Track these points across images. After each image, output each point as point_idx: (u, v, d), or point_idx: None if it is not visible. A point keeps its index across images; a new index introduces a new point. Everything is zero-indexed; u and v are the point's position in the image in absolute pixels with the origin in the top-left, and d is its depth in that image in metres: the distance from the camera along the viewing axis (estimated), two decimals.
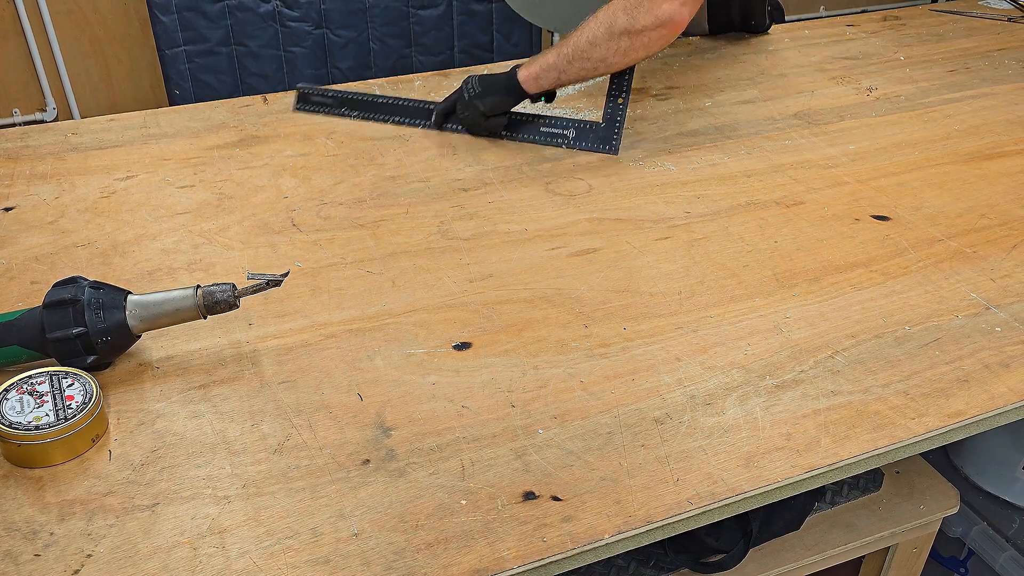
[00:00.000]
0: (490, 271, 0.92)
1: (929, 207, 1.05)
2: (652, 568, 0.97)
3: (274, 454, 0.68)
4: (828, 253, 0.95)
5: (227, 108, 1.35)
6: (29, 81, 2.50)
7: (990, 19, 1.83)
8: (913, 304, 0.86)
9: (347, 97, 1.31)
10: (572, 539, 0.61)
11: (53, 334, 0.71)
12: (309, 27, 2.03)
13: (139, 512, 0.62)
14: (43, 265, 0.93)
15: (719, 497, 0.64)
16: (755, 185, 1.10)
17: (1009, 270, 0.92)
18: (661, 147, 1.21)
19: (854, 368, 0.77)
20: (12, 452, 0.66)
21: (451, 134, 1.26)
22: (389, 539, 0.61)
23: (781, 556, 0.99)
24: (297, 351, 0.79)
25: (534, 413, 0.72)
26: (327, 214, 1.03)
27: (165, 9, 1.93)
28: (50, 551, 0.59)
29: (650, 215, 1.03)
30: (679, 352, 0.79)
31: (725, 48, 1.64)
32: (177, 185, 1.10)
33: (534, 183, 1.11)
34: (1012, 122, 1.29)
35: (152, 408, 0.73)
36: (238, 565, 0.58)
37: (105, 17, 2.49)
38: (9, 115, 2.52)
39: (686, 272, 0.92)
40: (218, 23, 1.99)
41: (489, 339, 0.81)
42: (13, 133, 1.26)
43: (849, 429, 0.70)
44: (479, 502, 0.64)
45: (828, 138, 1.24)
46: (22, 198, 1.07)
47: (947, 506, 1.05)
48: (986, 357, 0.79)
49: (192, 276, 0.91)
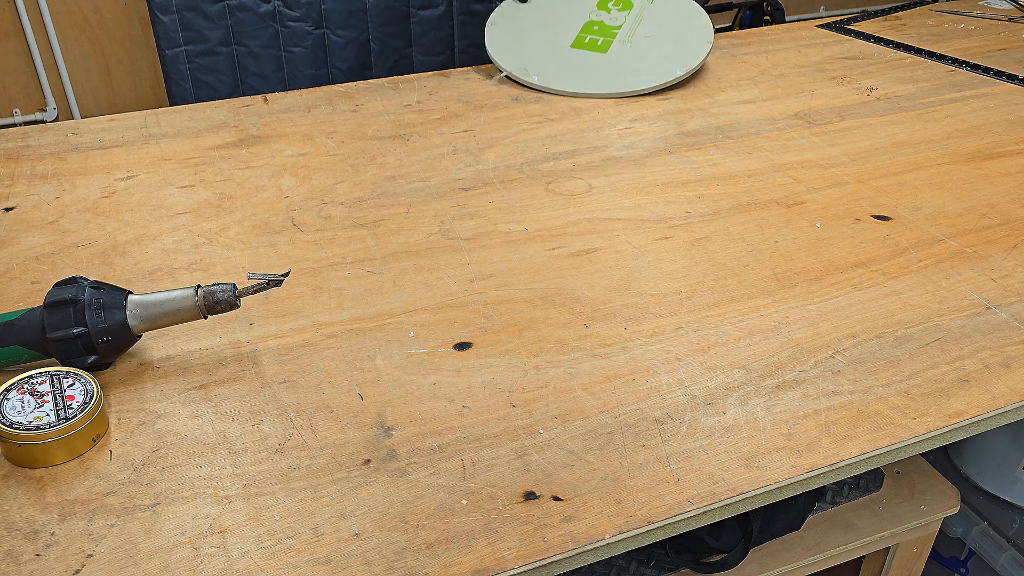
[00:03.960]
0: (490, 271, 0.92)
1: (929, 207, 1.05)
2: (653, 568, 0.97)
3: (275, 454, 0.68)
4: (829, 253, 0.95)
5: (227, 108, 1.35)
6: (29, 81, 2.50)
7: (990, 19, 1.83)
8: (914, 304, 0.86)
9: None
10: (573, 539, 0.61)
11: (54, 334, 0.71)
12: (309, 27, 2.03)
13: (140, 512, 0.62)
14: (44, 265, 0.93)
15: (720, 497, 0.64)
16: (755, 185, 1.10)
17: (1010, 270, 0.92)
18: (661, 147, 1.21)
19: (855, 368, 0.77)
20: (13, 452, 0.66)
21: (452, 134, 1.26)
22: (390, 539, 0.61)
23: (782, 556, 0.99)
24: (298, 351, 0.79)
25: (535, 413, 0.72)
26: (327, 214, 1.03)
27: (165, 9, 1.93)
28: (51, 551, 0.59)
29: (650, 215, 1.03)
30: (680, 352, 0.79)
31: (725, 48, 1.64)
32: (177, 185, 1.11)
33: (534, 183, 1.11)
34: (1012, 122, 1.29)
35: (153, 408, 0.73)
36: (239, 565, 0.58)
37: (105, 17, 2.49)
38: (9, 115, 2.52)
39: (687, 272, 0.92)
40: (218, 23, 1.98)
41: (490, 339, 0.81)
42: (13, 133, 1.26)
43: (850, 429, 0.71)
44: (480, 502, 0.64)
45: (828, 138, 1.24)
46: (22, 198, 1.07)
47: (947, 506, 1.05)
48: (987, 357, 0.79)
49: (192, 276, 0.91)
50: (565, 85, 1.29)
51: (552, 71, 1.31)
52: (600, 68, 1.34)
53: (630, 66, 1.35)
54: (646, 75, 1.31)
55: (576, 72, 1.32)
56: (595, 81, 1.31)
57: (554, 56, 1.35)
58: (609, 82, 1.30)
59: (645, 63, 1.35)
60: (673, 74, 1.32)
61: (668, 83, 1.32)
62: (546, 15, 1.39)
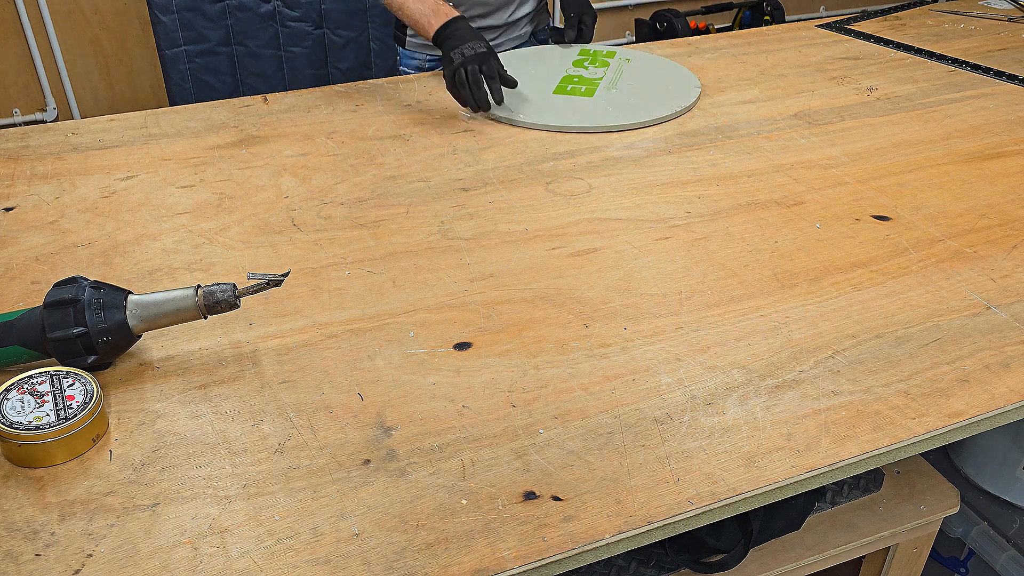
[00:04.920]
0: (490, 271, 0.92)
1: (929, 207, 1.05)
2: (652, 568, 0.97)
3: (275, 454, 0.68)
4: (828, 253, 0.95)
5: (227, 108, 1.35)
6: (29, 81, 2.50)
7: (990, 19, 1.83)
8: (913, 304, 0.86)
9: None
10: (573, 539, 0.61)
11: (54, 334, 0.71)
12: (309, 27, 2.03)
13: (140, 512, 0.62)
14: (43, 265, 0.93)
15: (719, 497, 0.64)
16: (755, 185, 1.10)
17: (1009, 270, 0.92)
18: (661, 147, 1.21)
19: (854, 368, 0.77)
20: (13, 452, 0.66)
21: (452, 134, 1.26)
22: (390, 539, 0.61)
23: (781, 556, 0.99)
24: (298, 351, 0.79)
25: (535, 413, 0.72)
26: (327, 214, 1.03)
27: (165, 9, 1.93)
28: (51, 551, 0.59)
29: (650, 215, 1.03)
30: (680, 352, 0.79)
31: (725, 48, 1.64)
32: (177, 185, 1.11)
33: (534, 183, 1.11)
34: (1012, 122, 1.29)
35: (153, 408, 0.73)
36: (239, 565, 0.59)
37: (105, 17, 2.49)
38: (9, 115, 2.52)
39: (686, 272, 0.92)
40: (218, 23, 1.98)
41: (490, 339, 0.81)
42: (13, 133, 1.26)
43: (849, 429, 0.71)
44: (480, 502, 0.64)
45: (828, 138, 1.24)
46: (22, 198, 1.07)
47: (947, 506, 1.05)
48: (986, 357, 0.79)
49: (192, 276, 0.91)
50: (558, 121, 1.27)
51: (540, 111, 1.30)
52: (590, 107, 1.33)
53: (624, 102, 1.34)
54: (641, 110, 1.30)
55: (566, 111, 1.31)
56: (589, 117, 1.29)
57: (539, 100, 1.35)
58: (603, 117, 1.29)
59: (639, 99, 1.34)
60: (671, 108, 1.31)
61: (666, 118, 1.29)
62: (520, 72, 1.39)
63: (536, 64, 1.51)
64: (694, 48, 1.62)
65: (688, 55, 1.59)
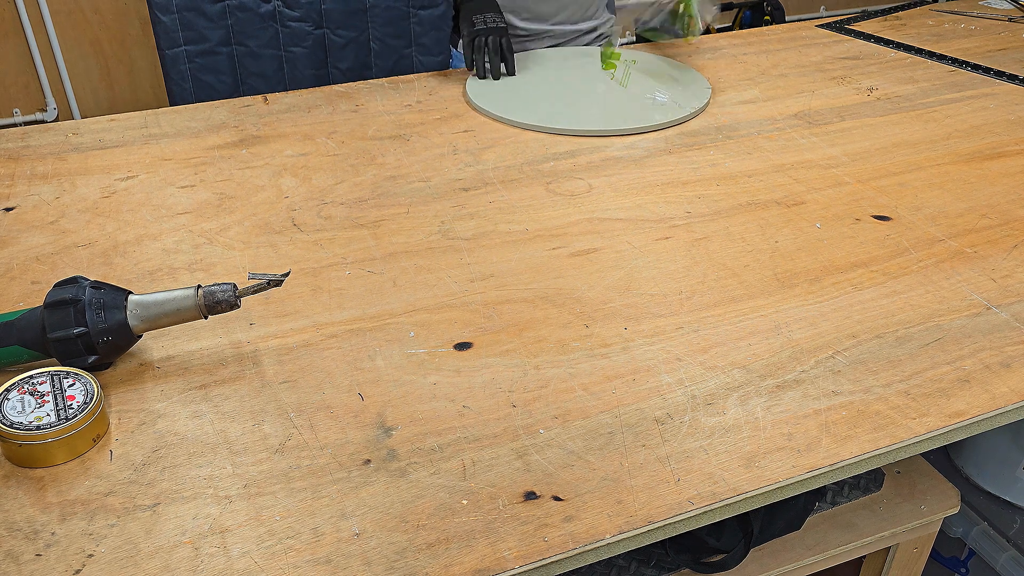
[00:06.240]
0: (491, 271, 0.92)
1: (930, 207, 1.05)
2: (653, 568, 0.97)
3: (275, 454, 0.68)
4: (829, 253, 0.95)
5: (227, 108, 1.35)
6: (29, 81, 2.51)
7: (990, 19, 1.83)
8: (914, 304, 0.86)
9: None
10: (573, 539, 0.61)
11: (54, 334, 0.71)
12: (309, 27, 2.03)
13: (140, 512, 0.62)
14: (44, 265, 0.93)
15: (720, 497, 0.64)
16: (756, 185, 1.10)
17: (1010, 270, 0.92)
18: (661, 147, 1.21)
19: (855, 368, 0.77)
20: (13, 452, 0.66)
21: (452, 134, 1.26)
22: (390, 539, 0.61)
23: (782, 556, 0.99)
24: (298, 351, 0.79)
25: (535, 413, 0.72)
26: (328, 214, 1.03)
27: (165, 9, 1.93)
28: (51, 551, 0.59)
29: (650, 215, 1.03)
30: (680, 352, 0.79)
31: (725, 48, 1.64)
32: (178, 185, 1.11)
33: (534, 183, 1.11)
34: (1012, 122, 1.29)
35: (153, 408, 0.73)
36: (239, 565, 0.59)
37: (105, 17, 2.50)
38: (9, 115, 2.52)
39: (687, 272, 0.92)
40: (218, 23, 1.98)
41: (490, 339, 0.81)
42: (13, 133, 1.26)
43: (850, 429, 0.71)
44: (480, 502, 0.64)
45: (828, 138, 1.24)
46: (23, 198, 1.07)
47: (948, 506, 1.05)
48: (987, 357, 0.79)
49: (193, 276, 0.91)
50: (568, 124, 1.27)
51: (553, 112, 1.30)
52: (600, 105, 1.33)
53: (635, 102, 1.34)
54: (656, 112, 1.30)
55: (572, 113, 1.30)
56: (600, 118, 1.29)
57: (549, 99, 1.35)
58: (617, 118, 1.28)
59: (650, 99, 1.35)
60: (685, 109, 1.31)
61: (681, 119, 1.29)
62: (521, 78, 1.39)
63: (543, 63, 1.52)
64: (694, 48, 1.62)
65: (688, 55, 1.59)
